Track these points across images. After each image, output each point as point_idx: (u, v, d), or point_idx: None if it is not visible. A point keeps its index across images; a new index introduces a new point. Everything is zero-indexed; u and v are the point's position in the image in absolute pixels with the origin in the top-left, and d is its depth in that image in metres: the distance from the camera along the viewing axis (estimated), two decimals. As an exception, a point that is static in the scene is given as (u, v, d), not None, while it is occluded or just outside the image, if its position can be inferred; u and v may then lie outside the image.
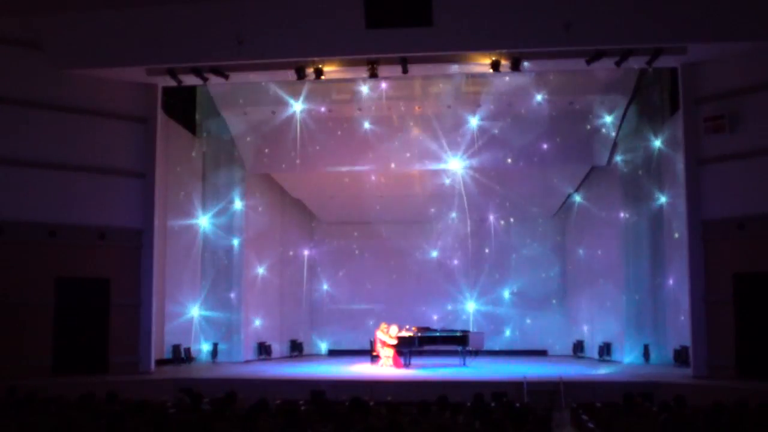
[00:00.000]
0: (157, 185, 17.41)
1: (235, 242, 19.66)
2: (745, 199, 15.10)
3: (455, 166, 19.20)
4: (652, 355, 17.88)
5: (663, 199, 18.18)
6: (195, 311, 19.43)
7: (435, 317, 20.85)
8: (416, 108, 18.90)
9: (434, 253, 21.26)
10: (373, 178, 20.20)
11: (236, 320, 19.41)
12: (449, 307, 20.91)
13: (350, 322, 21.26)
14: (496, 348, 20.02)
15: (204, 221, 19.76)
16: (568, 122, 18.52)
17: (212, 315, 19.51)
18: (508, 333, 20.73)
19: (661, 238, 18.22)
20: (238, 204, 19.78)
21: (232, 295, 19.52)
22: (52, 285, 15.97)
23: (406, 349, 17.79)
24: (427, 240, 21.30)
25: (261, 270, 20.32)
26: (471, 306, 20.82)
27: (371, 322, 20.05)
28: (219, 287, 19.58)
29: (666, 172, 18.05)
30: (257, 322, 20.00)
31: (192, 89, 19.33)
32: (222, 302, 19.51)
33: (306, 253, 21.75)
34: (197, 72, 16.27)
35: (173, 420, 8.35)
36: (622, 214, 18.63)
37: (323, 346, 21.59)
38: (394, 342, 17.78)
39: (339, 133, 19.12)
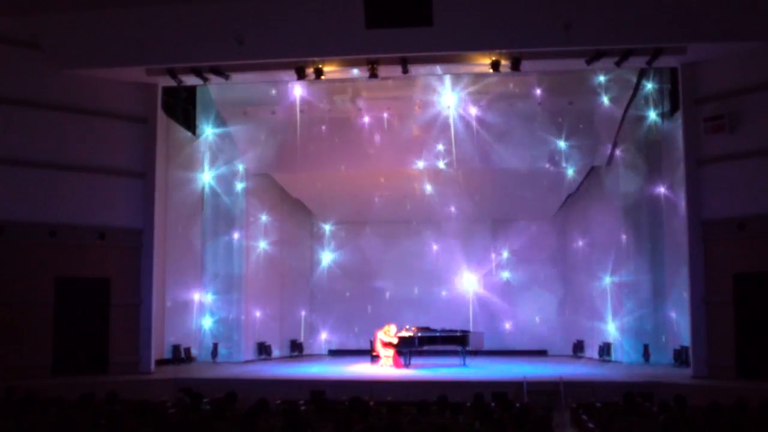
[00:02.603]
0: (157, 185, 17.41)
1: (235, 241, 19.65)
2: (745, 199, 15.10)
3: (455, 165, 19.18)
4: (652, 355, 17.87)
5: (663, 200, 18.17)
6: (196, 310, 19.43)
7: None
8: (416, 108, 18.90)
9: (434, 253, 21.24)
10: (373, 178, 20.18)
11: (236, 320, 19.41)
12: (449, 307, 20.89)
13: (350, 322, 21.26)
14: (496, 348, 19.98)
15: (204, 221, 19.75)
16: (568, 122, 18.52)
17: (212, 314, 19.51)
18: (508, 331, 20.70)
19: (661, 238, 18.22)
20: (238, 204, 19.76)
21: (233, 295, 19.49)
22: (52, 285, 15.97)
23: (406, 349, 17.78)
24: (426, 240, 21.29)
25: (261, 269, 20.31)
26: (471, 306, 20.81)
27: (371, 322, 20.01)
28: (219, 287, 19.57)
29: (666, 172, 18.05)
30: (257, 323, 19.99)
31: (192, 89, 19.33)
32: (222, 302, 19.51)
33: (306, 253, 21.74)
34: (197, 72, 16.28)
35: (173, 420, 8.35)
36: (621, 214, 18.62)
37: (323, 346, 21.58)
38: (395, 342, 17.78)
39: (339, 133, 19.11)
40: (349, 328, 21.21)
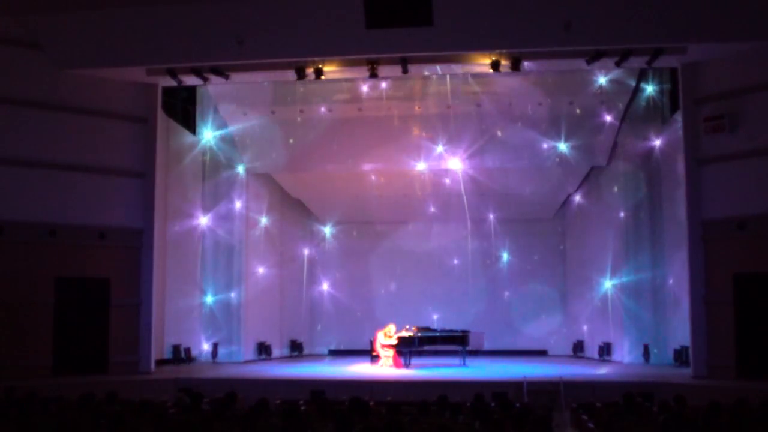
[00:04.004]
0: (157, 185, 17.41)
1: (235, 242, 19.64)
2: (745, 199, 15.09)
3: (455, 166, 19.19)
4: (652, 355, 17.87)
5: (663, 200, 18.16)
6: (195, 310, 19.44)
7: (435, 317, 20.87)
8: (416, 108, 18.89)
9: (434, 253, 21.25)
10: (373, 178, 20.18)
11: (236, 320, 19.40)
12: (449, 307, 20.90)
13: (350, 321, 21.26)
14: (496, 348, 19.97)
15: (204, 221, 19.75)
16: (568, 122, 18.52)
17: (212, 314, 19.50)
18: (508, 331, 20.69)
19: (661, 238, 18.21)
20: (237, 204, 19.76)
21: (233, 295, 19.49)
22: (52, 285, 15.96)
23: (406, 349, 17.79)
24: (426, 240, 21.29)
25: (261, 270, 20.32)
26: (471, 305, 20.81)
27: (371, 322, 20.01)
28: (219, 287, 19.56)
29: (666, 172, 18.05)
30: (257, 322, 19.98)
31: (192, 89, 19.33)
32: (222, 302, 19.50)
33: (306, 253, 21.75)
34: (197, 72, 16.27)
35: (173, 420, 8.35)
36: (621, 214, 18.62)
37: (323, 346, 21.59)
38: (394, 342, 17.79)
39: (339, 133, 19.11)
40: (349, 327, 21.20)
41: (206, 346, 19.37)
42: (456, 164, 19.08)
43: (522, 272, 20.96)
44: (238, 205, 19.76)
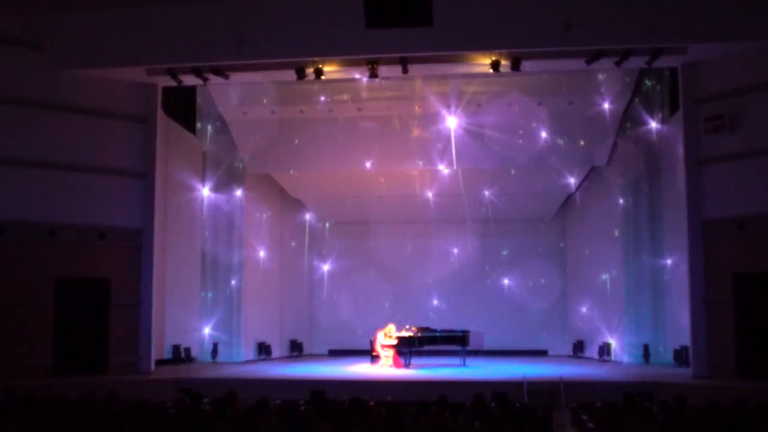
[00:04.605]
0: (157, 185, 17.40)
1: (235, 242, 19.63)
2: (745, 199, 15.09)
3: (455, 165, 19.18)
4: (652, 355, 17.88)
5: (663, 200, 18.17)
6: (196, 310, 19.43)
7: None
8: (416, 108, 18.89)
9: (434, 253, 21.25)
10: (373, 178, 20.19)
11: (236, 320, 19.40)
12: (449, 307, 20.91)
13: (350, 321, 21.26)
14: (496, 348, 19.97)
15: (204, 221, 19.74)
16: (568, 122, 18.52)
17: (212, 314, 19.49)
18: (508, 331, 20.69)
19: (661, 238, 18.21)
20: (237, 204, 19.76)
21: (232, 294, 19.49)
22: (52, 285, 15.96)
23: (406, 349, 17.79)
24: (426, 240, 21.30)
25: (261, 270, 20.31)
26: (471, 305, 20.81)
27: (371, 322, 20.00)
28: (219, 287, 19.57)
29: (666, 172, 18.04)
30: (257, 322, 19.99)
31: (192, 89, 19.34)
32: (222, 301, 19.50)
33: (306, 253, 21.75)
34: (197, 72, 16.27)
35: (173, 420, 8.34)
36: (621, 214, 18.62)
37: (323, 346, 21.58)
38: (394, 342, 17.79)
39: (339, 133, 19.12)
40: (349, 327, 21.21)
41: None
42: (456, 164, 18.97)
43: (522, 272, 20.97)
44: (237, 204, 19.75)
